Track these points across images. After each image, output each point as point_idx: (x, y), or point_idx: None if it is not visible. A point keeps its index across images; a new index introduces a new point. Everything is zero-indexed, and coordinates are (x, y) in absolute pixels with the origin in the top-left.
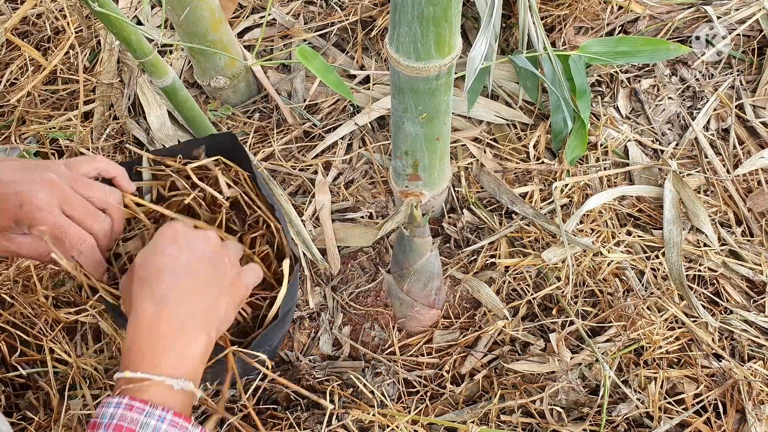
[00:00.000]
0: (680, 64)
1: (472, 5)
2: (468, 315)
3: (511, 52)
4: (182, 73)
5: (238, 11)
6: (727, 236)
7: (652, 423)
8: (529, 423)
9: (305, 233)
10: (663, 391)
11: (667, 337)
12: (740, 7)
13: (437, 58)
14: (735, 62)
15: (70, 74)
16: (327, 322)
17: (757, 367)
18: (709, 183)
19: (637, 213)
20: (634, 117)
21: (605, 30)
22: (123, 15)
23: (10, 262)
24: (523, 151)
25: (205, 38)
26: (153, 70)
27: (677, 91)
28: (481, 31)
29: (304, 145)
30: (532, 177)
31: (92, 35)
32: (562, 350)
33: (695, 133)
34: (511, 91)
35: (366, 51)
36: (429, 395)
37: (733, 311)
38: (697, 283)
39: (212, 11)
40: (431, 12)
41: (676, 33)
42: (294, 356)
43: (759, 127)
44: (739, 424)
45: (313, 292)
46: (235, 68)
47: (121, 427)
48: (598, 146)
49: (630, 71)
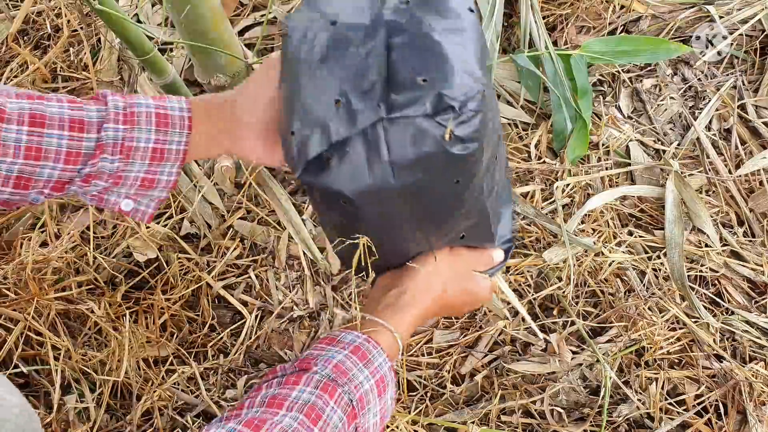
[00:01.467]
0: (682, 64)
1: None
2: (468, 315)
3: (512, 52)
4: (183, 71)
5: (239, 9)
6: (728, 237)
7: (653, 424)
8: (530, 423)
9: (305, 232)
10: (664, 391)
11: (669, 337)
12: (742, 7)
13: None
14: (737, 62)
15: (71, 72)
16: (327, 322)
17: (759, 368)
18: (711, 183)
19: (638, 213)
20: (635, 117)
21: (607, 29)
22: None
23: (12, 257)
24: (525, 151)
25: (206, 36)
26: (153, 68)
27: (679, 90)
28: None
29: None
30: (533, 177)
31: (92, 33)
32: (563, 351)
33: (697, 133)
34: (513, 90)
35: None
36: (429, 395)
37: (735, 312)
38: (698, 284)
39: (213, 9)
40: None
41: (679, 32)
42: (293, 356)
43: (761, 128)
44: (740, 425)
45: (313, 291)
46: (235, 66)
47: (359, 348)
48: (600, 146)
49: (632, 71)
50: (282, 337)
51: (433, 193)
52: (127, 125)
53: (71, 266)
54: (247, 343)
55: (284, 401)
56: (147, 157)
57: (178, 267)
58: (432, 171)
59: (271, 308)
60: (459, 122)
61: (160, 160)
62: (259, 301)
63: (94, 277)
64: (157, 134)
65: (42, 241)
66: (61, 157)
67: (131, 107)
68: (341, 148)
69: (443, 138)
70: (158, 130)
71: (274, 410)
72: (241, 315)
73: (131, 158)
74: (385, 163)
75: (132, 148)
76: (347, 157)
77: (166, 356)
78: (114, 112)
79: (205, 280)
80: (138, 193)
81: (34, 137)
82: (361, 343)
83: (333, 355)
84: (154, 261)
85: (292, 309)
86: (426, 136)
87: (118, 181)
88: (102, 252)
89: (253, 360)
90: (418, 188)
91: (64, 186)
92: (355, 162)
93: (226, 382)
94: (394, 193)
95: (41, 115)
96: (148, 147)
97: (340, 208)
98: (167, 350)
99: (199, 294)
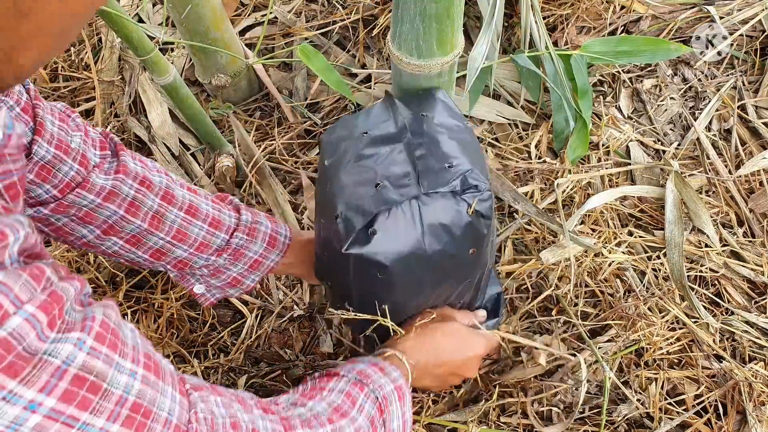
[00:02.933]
0: (682, 64)
1: (474, 4)
2: None
3: (513, 52)
4: (183, 71)
5: (239, 9)
6: (728, 237)
7: (653, 424)
8: (529, 424)
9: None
10: (663, 391)
11: (668, 337)
12: (743, 8)
13: (439, 56)
14: (737, 63)
15: (72, 72)
16: (326, 322)
17: (758, 368)
18: (711, 183)
19: (638, 213)
20: (636, 117)
21: (607, 30)
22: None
23: None
24: (525, 151)
25: (207, 36)
26: (154, 68)
27: (679, 91)
28: (483, 30)
29: (306, 143)
30: (533, 176)
31: (93, 33)
32: (563, 351)
33: (697, 134)
34: (513, 90)
35: (367, 49)
36: (429, 395)
37: (734, 312)
38: (698, 284)
39: (214, 9)
40: (434, 9)
41: (679, 33)
42: (293, 355)
43: (761, 128)
44: (740, 425)
45: (312, 291)
46: (236, 66)
47: (377, 363)
48: (600, 146)
49: (632, 71)
50: (282, 336)
51: (454, 260)
52: (249, 237)
53: (72, 265)
54: (248, 342)
55: (321, 391)
56: (248, 264)
57: None
58: (455, 240)
59: (271, 308)
60: (480, 199)
61: (255, 268)
62: (260, 301)
63: (95, 276)
64: (265, 250)
65: (44, 239)
66: (195, 244)
67: (255, 224)
68: (382, 222)
69: (467, 212)
70: (266, 248)
71: (315, 393)
72: (242, 314)
73: (237, 261)
74: (419, 233)
75: (243, 255)
76: (386, 229)
77: (167, 355)
78: (243, 225)
79: None
80: (217, 287)
81: (184, 223)
82: (379, 361)
83: (356, 365)
84: None
85: (292, 308)
86: (454, 210)
87: (216, 274)
88: None
89: (254, 359)
90: (443, 255)
91: (185, 266)
92: (393, 233)
93: (227, 381)
94: (423, 259)
95: (196, 207)
96: (253, 257)
97: (372, 279)
98: (168, 349)
99: None
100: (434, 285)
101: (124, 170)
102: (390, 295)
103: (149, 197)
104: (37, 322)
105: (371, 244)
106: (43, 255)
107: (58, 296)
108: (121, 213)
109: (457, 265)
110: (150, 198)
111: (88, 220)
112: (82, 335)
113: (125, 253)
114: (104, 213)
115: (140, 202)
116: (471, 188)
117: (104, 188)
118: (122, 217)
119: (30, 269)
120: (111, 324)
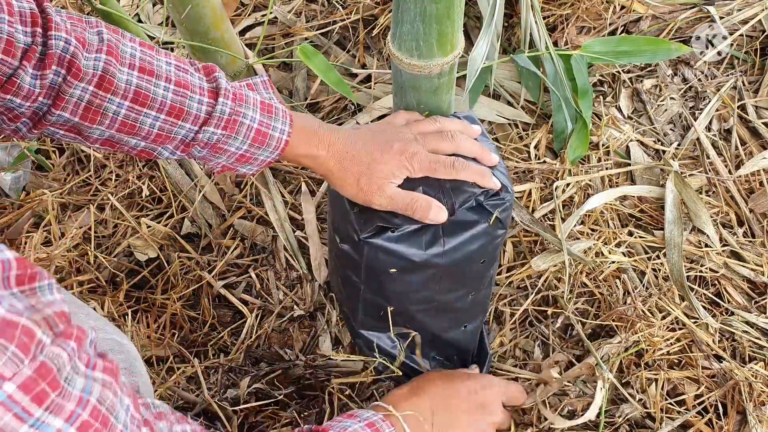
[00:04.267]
0: (682, 65)
1: (474, 4)
2: None
3: (512, 52)
4: None
5: (239, 9)
6: (728, 237)
7: (654, 424)
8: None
9: (292, 237)
10: (664, 392)
11: (668, 338)
12: (743, 8)
13: (439, 56)
14: (737, 63)
15: None
16: (325, 322)
17: (758, 368)
18: (711, 183)
19: (638, 213)
20: (636, 117)
21: (608, 30)
22: (125, 12)
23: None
24: (525, 151)
25: (207, 36)
26: None
27: (679, 91)
28: (483, 30)
29: None
30: (533, 176)
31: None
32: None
33: (697, 134)
34: (513, 90)
35: (368, 49)
36: None
37: (734, 312)
38: (698, 284)
39: (214, 9)
40: (434, 9)
41: (679, 33)
42: (293, 355)
43: (761, 128)
44: (740, 425)
45: (310, 290)
46: (236, 66)
47: (374, 424)
48: (600, 146)
49: (632, 71)
50: (282, 336)
51: (466, 268)
52: (226, 131)
53: (72, 265)
54: (248, 342)
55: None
56: (234, 158)
57: (178, 266)
58: (472, 247)
59: (271, 307)
60: (502, 209)
61: (246, 162)
62: (260, 301)
63: (96, 276)
64: (251, 146)
65: (45, 239)
66: (151, 137)
67: (235, 116)
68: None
69: (489, 223)
70: (252, 144)
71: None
72: (242, 314)
73: (218, 154)
74: (440, 246)
75: (222, 150)
76: (405, 231)
77: (167, 355)
78: (217, 117)
79: (206, 280)
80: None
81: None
82: (377, 421)
83: (349, 425)
84: (155, 260)
85: (292, 308)
86: (474, 220)
87: (202, 160)
88: (103, 251)
89: (254, 359)
90: (458, 261)
91: (150, 156)
92: (413, 235)
93: (227, 381)
94: (437, 266)
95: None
96: (236, 153)
97: (384, 275)
98: (168, 350)
99: (200, 293)
100: (441, 292)
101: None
102: (397, 296)
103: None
104: (14, 403)
105: (389, 237)
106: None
107: (47, 369)
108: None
109: (467, 276)
110: (110, 100)
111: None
112: (64, 426)
113: (68, 141)
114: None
115: (93, 104)
116: (494, 196)
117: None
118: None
119: (19, 338)
120: (102, 410)
